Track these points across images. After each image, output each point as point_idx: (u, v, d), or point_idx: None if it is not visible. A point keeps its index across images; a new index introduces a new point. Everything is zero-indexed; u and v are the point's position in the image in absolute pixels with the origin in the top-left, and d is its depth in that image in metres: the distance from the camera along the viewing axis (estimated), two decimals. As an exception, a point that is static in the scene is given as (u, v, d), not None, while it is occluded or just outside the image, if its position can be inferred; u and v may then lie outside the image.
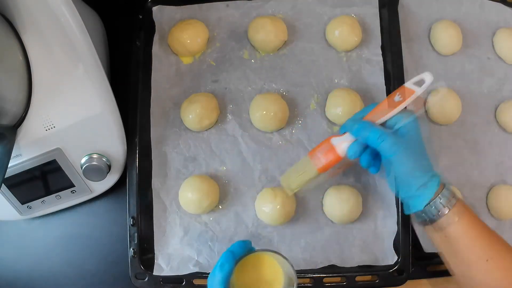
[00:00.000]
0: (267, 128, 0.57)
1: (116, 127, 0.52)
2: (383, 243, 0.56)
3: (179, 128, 0.58)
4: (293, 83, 0.59)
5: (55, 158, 0.51)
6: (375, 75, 0.59)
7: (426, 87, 0.46)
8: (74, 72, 0.47)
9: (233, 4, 0.61)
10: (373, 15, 0.61)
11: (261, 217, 0.55)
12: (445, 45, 0.60)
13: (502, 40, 0.62)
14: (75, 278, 0.60)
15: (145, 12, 0.60)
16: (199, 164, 0.58)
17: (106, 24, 0.62)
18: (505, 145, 0.61)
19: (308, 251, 0.56)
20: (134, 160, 0.56)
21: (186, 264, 0.55)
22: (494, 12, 0.64)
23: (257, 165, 0.57)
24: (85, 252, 0.60)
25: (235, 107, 0.59)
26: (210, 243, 0.56)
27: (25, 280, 0.60)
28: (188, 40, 0.58)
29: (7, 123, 0.46)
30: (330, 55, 0.60)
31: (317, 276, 0.55)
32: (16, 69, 0.46)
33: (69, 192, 0.56)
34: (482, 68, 0.62)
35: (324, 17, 0.61)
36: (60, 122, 0.49)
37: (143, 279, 0.55)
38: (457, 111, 0.59)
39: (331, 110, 0.57)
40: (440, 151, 0.59)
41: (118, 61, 0.61)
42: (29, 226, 0.61)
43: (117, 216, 0.60)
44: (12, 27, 0.46)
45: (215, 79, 0.59)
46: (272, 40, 0.58)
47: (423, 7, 0.63)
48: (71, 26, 0.44)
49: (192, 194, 0.54)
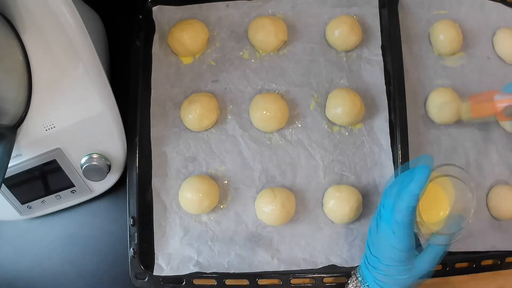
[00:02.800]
0: (267, 128, 0.57)
1: (116, 127, 0.52)
2: (383, 243, 0.56)
3: (179, 128, 0.58)
4: (293, 83, 0.59)
5: (55, 158, 0.51)
6: (375, 75, 0.59)
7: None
8: (74, 72, 0.47)
9: (233, 4, 0.61)
10: (373, 15, 0.61)
11: (261, 217, 0.55)
12: (445, 45, 0.60)
13: (502, 40, 0.62)
14: (75, 278, 0.60)
15: (145, 12, 0.60)
16: (199, 164, 0.58)
17: (106, 24, 0.62)
18: (505, 145, 0.61)
19: (308, 251, 0.56)
20: (134, 160, 0.56)
21: (186, 264, 0.55)
22: (494, 12, 0.64)
23: (257, 165, 0.57)
24: (85, 252, 0.60)
25: (235, 107, 0.59)
26: (210, 243, 0.56)
27: (25, 280, 0.60)
28: (188, 40, 0.58)
29: (7, 123, 0.46)
30: (330, 55, 0.60)
31: (317, 276, 0.55)
32: (16, 69, 0.46)
33: (69, 192, 0.56)
34: (482, 68, 0.62)
35: (324, 17, 0.61)
36: (60, 122, 0.49)
37: (143, 279, 0.55)
38: (457, 111, 0.59)
39: (331, 110, 0.57)
40: (440, 151, 0.59)
41: (118, 61, 0.61)
42: (29, 226, 0.61)
43: (117, 216, 0.60)
44: (12, 27, 0.46)
45: (215, 79, 0.59)
46: (272, 40, 0.58)
47: (423, 7, 0.62)
48: (71, 26, 0.44)
49: (192, 194, 0.54)
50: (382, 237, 0.45)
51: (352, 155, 0.58)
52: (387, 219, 0.45)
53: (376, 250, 0.47)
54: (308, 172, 0.57)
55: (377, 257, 0.46)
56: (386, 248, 0.45)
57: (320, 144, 0.58)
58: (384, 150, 0.58)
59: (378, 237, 0.46)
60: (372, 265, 0.47)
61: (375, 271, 0.47)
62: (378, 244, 0.46)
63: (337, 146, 0.58)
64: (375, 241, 0.47)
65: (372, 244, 0.48)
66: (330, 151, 0.58)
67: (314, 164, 0.58)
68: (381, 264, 0.46)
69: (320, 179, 0.57)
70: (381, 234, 0.46)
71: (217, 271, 0.56)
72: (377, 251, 0.46)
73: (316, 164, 0.58)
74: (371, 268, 0.47)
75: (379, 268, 0.46)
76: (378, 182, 0.57)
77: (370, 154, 0.58)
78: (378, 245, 0.46)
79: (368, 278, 0.48)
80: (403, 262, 0.45)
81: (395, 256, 0.45)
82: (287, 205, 0.54)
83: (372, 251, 0.47)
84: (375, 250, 0.47)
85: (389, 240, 0.45)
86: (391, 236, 0.44)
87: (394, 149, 0.57)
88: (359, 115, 0.57)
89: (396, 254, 0.45)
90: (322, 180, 0.57)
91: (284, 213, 0.54)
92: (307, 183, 0.57)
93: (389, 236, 0.45)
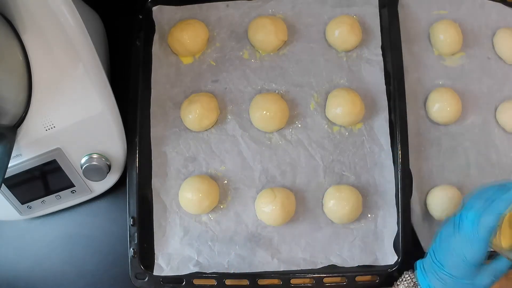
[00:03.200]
0: (267, 128, 0.57)
1: (116, 127, 0.52)
2: (383, 243, 0.56)
3: (179, 128, 0.58)
4: (293, 83, 0.59)
5: (55, 158, 0.51)
6: (375, 75, 0.59)
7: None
8: (74, 72, 0.47)
9: (233, 4, 0.61)
10: (373, 15, 0.61)
11: (261, 217, 0.55)
12: (445, 45, 0.60)
13: (502, 40, 0.62)
14: (75, 278, 0.60)
15: (145, 12, 0.60)
16: (199, 164, 0.58)
17: (106, 24, 0.62)
18: (505, 145, 0.61)
19: (308, 251, 0.56)
20: (134, 160, 0.56)
21: (186, 264, 0.55)
22: (494, 12, 0.64)
23: (257, 165, 0.57)
24: (85, 252, 0.60)
25: (235, 107, 0.59)
26: (210, 243, 0.56)
27: (25, 280, 0.60)
28: (188, 40, 0.58)
29: (7, 123, 0.46)
30: (330, 55, 0.60)
31: (317, 276, 0.55)
32: (16, 69, 0.46)
33: (69, 192, 0.56)
34: (482, 68, 0.62)
35: (324, 17, 0.61)
36: (60, 122, 0.49)
37: (143, 279, 0.55)
38: (457, 111, 0.59)
39: (331, 110, 0.57)
40: (440, 151, 0.59)
41: (118, 61, 0.61)
42: (29, 226, 0.61)
43: (117, 216, 0.60)
44: (12, 27, 0.46)
45: (215, 79, 0.59)
46: (272, 40, 0.58)
47: (423, 7, 0.62)
48: (71, 26, 0.44)
49: (192, 194, 0.54)
50: (455, 245, 0.45)
51: (352, 155, 0.58)
52: (472, 222, 0.45)
53: (442, 258, 0.47)
54: (308, 172, 0.57)
55: (441, 264, 0.46)
56: (456, 258, 0.45)
57: (320, 144, 0.58)
58: (384, 150, 0.58)
59: (449, 244, 0.46)
60: (432, 271, 0.47)
61: (434, 278, 0.47)
62: (447, 251, 0.46)
63: (337, 146, 0.58)
64: (443, 248, 0.47)
65: (439, 250, 0.47)
66: (330, 151, 0.58)
67: (314, 164, 0.58)
68: (443, 272, 0.46)
69: (320, 179, 0.57)
70: (454, 241, 0.46)
71: (217, 271, 0.56)
72: (443, 258, 0.46)
73: (316, 164, 0.58)
74: (431, 274, 0.47)
75: (439, 275, 0.46)
76: (378, 182, 0.57)
77: (370, 154, 0.58)
78: (446, 253, 0.46)
79: (423, 283, 0.48)
80: (467, 275, 0.45)
81: (462, 267, 0.45)
82: (287, 205, 0.54)
83: (437, 257, 0.47)
84: (440, 257, 0.47)
85: (462, 249, 0.45)
86: (466, 246, 0.44)
87: (394, 149, 0.57)
88: (359, 115, 0.57)
89: (464, 266, 0.45)
90: (322, 180, 0.57)
91: (284, 213, 0.54)
92: (307, 183, 0.57)
93: (464, 245, 0.45)
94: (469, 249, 0.44)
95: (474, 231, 0.44)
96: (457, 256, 0.45)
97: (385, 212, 0.57)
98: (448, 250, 0.46)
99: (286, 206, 0.54)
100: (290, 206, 0.55)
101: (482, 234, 0.44)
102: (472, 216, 0.45)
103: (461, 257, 0.45)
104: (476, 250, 0.44)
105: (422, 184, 0.59)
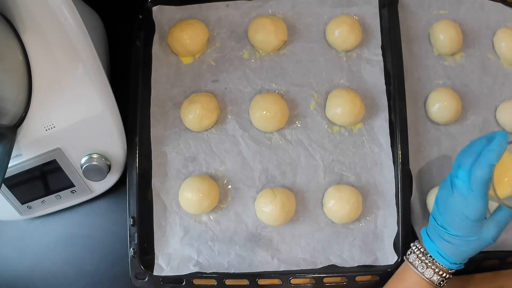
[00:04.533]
0: (267, 128, 0.57)
1: (116, 127, 0.52)
2: (383, 243, 0.56)
3: (179, 128, 0.58)
4: (293, 83, 0.59)
5: (55, 158, 0.51)
6: (375, 75, 0.59)
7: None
8: (74, 72, 0.47)
9: (233, 4, 0.61)
10: (373, 15, 0.61)
11: (261, 217, 0.55)
12: (445, 45, 0.60)
13: (502, 40, 0.62)
14: (75, 278, 0.60)
15: (145, 12, 0.60)
16: (199, 164, 0.58)
17: (106, 24, 0.62)
18: (505, 145, 0.61)
19: (308, 251, 0.56)
20: (134, 160, 0.56)
21: (186, 264, 0.56)
22: (494, 12, 0.64)
23: (257, 165, 0.57)
24: (85, 252, 0.60)
25: (235, 107, 0.59)
26: (210, 243, 0.56)
27: (25, 280, 0.60)
28: (188, 40, 0.58)
29: (7, 123, 0.46)
30: (330, 55, 0.60)
31: (317, 276, 0.55)
32: (16, 69, 0.46)
33: (69, 192, 0.56)
34: (482, 68, 0.62)
35: (324, 17, 0.61)
36: (60, 122, 0.49)
37: (143, 279, 0.55)
38: (457, 111, 0.59)
39: (331, 110, 0.57)
40: (440, 151, 0.59)
41: (118, 61, 0.61)
42: (29, 226, 0.61)
43: (117, 216, 0.60)
44: (12, 27, 0.46)
45: (215, 79, 0.59)
46: (272, 40, 0.58)
47: (423, 7, 0.62)
48: (71, 26, 0.44)
49: (192, 194, 0.54)
50: (453, 206, 0.45)
51: (352, 155, 0.58)
52: (464, 180, 0.44)
53: (443, 220, 0.47)
54: (308, 172, 0.57)
55: (444, 227, 0.46)
56: (457, 218, 0.45)
57: (320, 144, 0.58)
58: (384, 150, 0.58)
59: (447, 206, 0.46)
60: (437, 235, 0.47)
61: (440, 242, 0.47)
62: (447, 213, 0.46)
63: (337, 146, 0.58)
64: (443, 211, 0.47)
65: (439, 214, 0.47)
66: (330, 151, 0.58)
67: (314, 164, 0.58)
68: (447, 234, 0.46)
69: (320, 179, 0.57)
70: (452, 202, 0.45)
71: (217, 271, 0.56)
72: (445, 221, 0.46)
73: (316, 164, 0.58)
74: (436, 239, 0.47)
75: (445, 238, 0.46)
76: (378, 182, 0.57)
77: (370, 154, 0.58)
78: (446, 215, 0.46)
79: (432, 249, 0.48)
80: (472, 232, 0.45)
81: (465, 226, 0.45)
82: (287, 205, 0.54)
83: (439, 222, 0.47)
84: (442, 221, 0.47)
85: (461, 208, 0.45)
86: (463, 204, 0.44)
87: (394, 149, 0.57)
88: (359, 115, 0.57)
89: (466, 224, 0.45)
90: (322, 180, 0.57)
91: (284, 213, 0.54)
92: (307, 183, 0.57)
93: (461, 204, 0.44)
94: (468, 207, 0.44)
95: (468, 189, 0.44)
96: (458, 216, 0.45)
97: (385, 212, 0.57)
98: (448, 212, 0.46)
99: (286, 206, 0.54)
100: (290, 206, 0.55)
101: (477, 189, 0.43)
102: (463, 174, 0.45)
103: (462, 216, 0.45)
104: (475, 206, 0.44)
105: (422, 184, 0.59)
